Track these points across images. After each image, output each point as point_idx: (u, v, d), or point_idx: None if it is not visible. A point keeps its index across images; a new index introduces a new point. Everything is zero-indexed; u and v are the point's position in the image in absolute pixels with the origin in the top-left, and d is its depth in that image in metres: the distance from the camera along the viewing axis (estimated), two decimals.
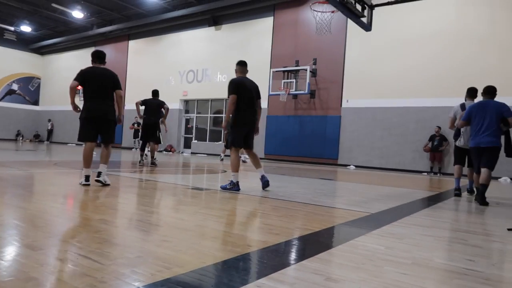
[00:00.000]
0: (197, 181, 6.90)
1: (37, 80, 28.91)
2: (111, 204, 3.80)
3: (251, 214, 3.70)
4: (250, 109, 5.35)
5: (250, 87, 5.40)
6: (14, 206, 3.49)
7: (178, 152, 19.93)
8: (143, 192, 4.91)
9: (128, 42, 23.09)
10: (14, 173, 6.23)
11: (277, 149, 16.45)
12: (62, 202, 3.92)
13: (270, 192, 5.42)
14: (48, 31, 26.12)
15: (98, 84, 5.02)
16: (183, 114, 20.66)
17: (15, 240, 2.36)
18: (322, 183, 7.34)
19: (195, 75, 19.85)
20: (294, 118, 16.14)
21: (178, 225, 2.98)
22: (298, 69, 15.50)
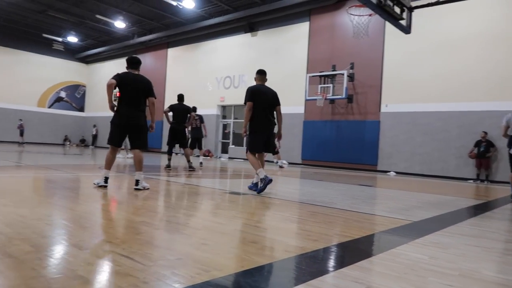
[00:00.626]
0: (234, 185, 6.95)
1: (82, 88, 30.34)
2: (151, 207, 3.90)
3: (288, 220, 3.67)
4: (266, 116, 5.51)
5: (267, 94, 5.56)
6: (62, 207, 3.67)
7: (216, 157, 20.20)
8: (182, 196, 5.01)
9: (167, 50, 23.75)
10: (62, 176, 6.55)
11: (314, 155, 16.29)
12: (105, 204, 4.07)
13: (308, 198, 5.36)
14: (92, 41, 27.39)
15: (131, 90, 5.08)
16: (220, 120, 20.93)
17: (64, 240, 2.48)
18: (361, 189, 7.19)
19: (231, 81, 20.09)
20: (331, 123, 15.93)
21: (217, 229, 3.01)
22: (335, 74, 15.31)
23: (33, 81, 27.23)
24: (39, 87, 27.68)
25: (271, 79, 17.91)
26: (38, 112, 27.53)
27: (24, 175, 6.63)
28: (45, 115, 27.90)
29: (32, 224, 2.81)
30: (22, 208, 3.38)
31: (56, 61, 28.55)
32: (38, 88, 27.65)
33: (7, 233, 2.51)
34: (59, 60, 28.72)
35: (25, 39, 26.60)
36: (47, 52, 27.84)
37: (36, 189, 5.10)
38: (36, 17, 23.07)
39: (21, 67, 26.81)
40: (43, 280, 1.77)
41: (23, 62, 26.89)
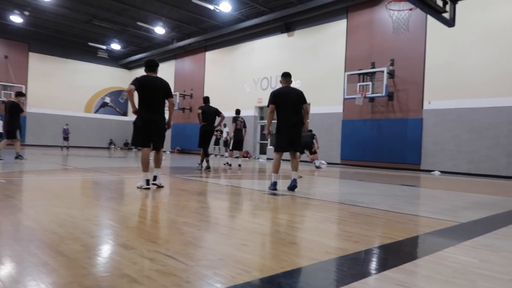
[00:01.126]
0: None
1: (125, 93, 31.51)
2: (193, 208, 3.99)
3: (328, 221, 3.63)
4: (289, 116, 5.71)
5: (290, 95, 5.73)
6: (109, 208, 3.83)
7: (254, 158, 20.31)
8: (221, 197, 5.08)
9: (205, 53, 24.18)
10: (107, 178, 6.84)
11: (354, 154, 15.98)
12: (149, 205, 4.21)
13: (348, 199, 5.27)
14: (134, 48, 28.40)
15: (151, 93, 5.24)
16: (258, 121, 21.02)
17: (110, 239, 2.59)
18: (403, 189, 6.97)
19: (269, 82, 20.12)
20: (371, 122, 15.57)
21: (256, 230, 3.03)
22: (374, 71, 14.95)
23: (80, 88, 28.66)
24: (85, 93, 29.07)
25: (308, 79, 17.88)
26: (84, 118, 28.93)
27: (73, 177, 6.99)
28: (91, 120, 29.26)
29: (81, 224, 2.96)
30: (72, 209, 3.56)
31: (101, 68, 29.85)
32: (84, 95, 29.05)
33: (60, 233, 2.66)
34: (104, 67, 30.00)
35: (72, 48, 28.05)
36: (92, 59, 29.20)
37: (84, 191, 5.36)
38: (82, 27, 24.26)
39: (69, 75, 28.30)
40: (92, 278, 1.86)
41: (70, 70, 28.37)
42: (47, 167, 8.77)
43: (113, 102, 30.80)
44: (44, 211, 3.45)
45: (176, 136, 24.94)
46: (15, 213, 3.29)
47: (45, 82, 27.15)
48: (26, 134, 26.37)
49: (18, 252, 2.21)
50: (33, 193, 4.70)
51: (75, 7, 20.82)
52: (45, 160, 11.44)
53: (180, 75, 25.83)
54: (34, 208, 3.60)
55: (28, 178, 6.35)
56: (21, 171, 7.54)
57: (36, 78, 26.75)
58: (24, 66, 26.40)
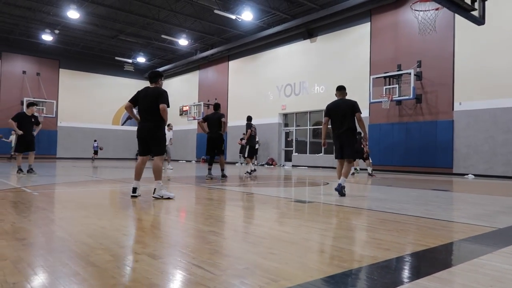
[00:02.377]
0: (299, 193, 6.92)
1: None
2: (219, 217, 4.01)
3: (357, 228, 3.56)
4: (338, 126, 6.23)
5: (341, 107, 6.24)
6: (136, 218, 3.90)
7: (279, 165, 20.26)
8: (247, 205, 5.08)
9: (228, 62, 24.45)
10: None
11: (382, 159, 15.67)
12: (175, 214, 4.25)
13: (377, 205, 5.17)
14: (159, 60, 29.07)
15: (144, 104, 5.36)
16: (282, 128, 21.01)
17: (139, 249, 2.63)
18: (435, 194, 6.77)
19: (292, 88, 20.11)
20: (399, 126, 15.26)
21: (283, 238, 3.00)
22: (401, 74, 14.69)
23: (107, 101, 29.50)
24: (112, 106, 29.87)
25: (332, 84, 17.76)
26: (112, 130, 29.72)
27: (102, 189, 7.16)
28: (119, 132, 30.01)
29: (111, 234, 3.02)
30: (101, 220, 3.65)
31: (127, 81, 30.63)
32: (112, 107, 29.85)
33: (90, 243, 2.72)
34: (130, 80, 30.77)
35: (99, 63, 28.99)
36: (119, 73, 30.03)
37: (112, 201, 5.48)
38: (109, 42, 25.09)
39: (97, 89, 29.22)
40: (122, 287, 1.89)
41: (98, 84, 29.29)
42: (77, 179, 9.04)
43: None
44: (75, 222, 3.55)
45: (201, 145, 25.24)
46: (48, 225, 3.40)
47: (75, 97, 28.14)
48: (58, 148, 27.35)
49: (51, 262, 2.28)
50: (64, 204, 4.85)
51: (102, 23, 21.57)
52: (75, 172, 11.80)
53: (204, 85, 26.20)
54: (65, 219, 3.70)
55: (60, 190, 6.56)
56: (53, 183, 7.80)
57: (66, 93, 27.79)
58: (55, 83, 27.49)
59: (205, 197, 5.65)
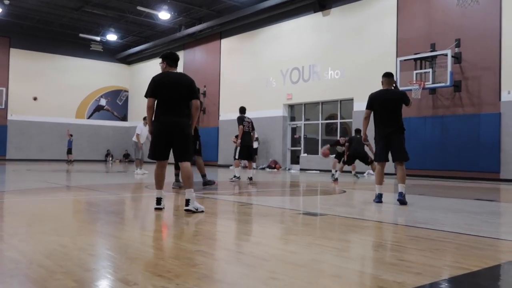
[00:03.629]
0: (308, 204, 6.92)
1: (124, 93, 32.25)
2: (209, 233, 4.00)
3: (381, 246, 3.56)
4: (387, 122, 6.43)
5: (388, 99, 6.48)
6: (106, 234, 3.89)
7: (284, 169, 20.28)
8: (244, 219, 5.08)
9: (220, 41, 24.44)
10: (105, 198, 6.97)
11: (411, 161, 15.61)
12: (155, 230, 4.25)
13: (406, 218, 5.17)
14: (133, 38, 29.07)
15: (168, 93, 5.26)
16: (288, 122, 21.02)
17: (109, 273, 2.62)
18: (478, 205, 6.78)
19: (300, 73, 20.12)
20: (433, 120, 15.27)
21: (289, 259, 3.00)
22: (435, 55, 14.69)
23: (70, 89, 29.43)
24: (77, 95, 29.85)
25: (350, 68, 17.79)
26: (76, 125, 29.58)
27: (63, 198, 7.15)
28: (84, 128, 29.95)
29: (74, 255, 3.02)
30: (63, 237, 3.64)
31: (95, 64, 30.65)
32: (75, 97, 29.82)
33: (48, 266, 2.71)
34: (98, 63, 30.79)
35: (60, 42, 28.94)
36: (85, 54, 30.02)
37: (77, 214, 5.47)
38: (71, 16, 25.04)
39: (57, 73, 29.15)
40: None
41: (59, 68, 29.22)
42: (32, 185, 9.03)
43: (110, 105, 31.54)
44: (29, 239, 3.54)
45: None
46: None
47: (29, 84, 28.08)
48: (8, 147, 27.29)
49: None
50: (15, 217, 4.83)
51: None
52: (30, 177, 11.79)
53: (190, 68, 26.19)
54: (17, 236, 3.69)
55: (10, 200, 6.55)
56: (1, 191, 7.78)
57: (18, 79, 27.76)
58: (4, 65, 27.45)
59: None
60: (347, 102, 18.54)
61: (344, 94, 18.08)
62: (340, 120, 18.98)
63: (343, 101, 18.71)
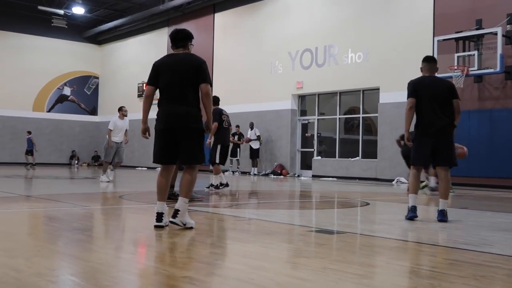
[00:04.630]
0: (323, 219, 6.92)
1: (94, 80, 32.23)
2: (199, 255, 3.99)
3: (413, 273, 3.55)
4: (434, 116, 6.32)
5: (436, 88, 6.43)
6: (71, 257, 3.88)
7: (293, 176, 20.26)
8: (243, 237, 5.06)
9: (214, 15, 24.41)
10: (69, 211, 6.96)
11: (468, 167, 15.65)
12: (132, 251, 4.23)
13: (444, 237, 5.16)
14: (106, 11, 29.06)
15: (171, 79, 5.26)
16: (298, 117, 21.00)
17: None
18: None
19: (313, 56, 20.09)
20: (479, 115, 15.24)
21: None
22: (482, 34, 14.67)
23: (26, 75, 29.31)
24: (34, 82, 29.75)
25: (375, 50, 17.77)
26: (34, 119, 29.56)
27: (17, 210, 7.14)
28: (43, 123, 29.93)
29: (30, 282, 3.00)
30: (16, 259, 3.63)
31: (57, 43, 30.60)
32: (33, 84, 29.73)
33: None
34: (61, 42, 30.74)
35: (13, 16, 28.79)
36: (45, 31, 29.95)
37: (34, 231, 5.46)
38: None
39: (9, 55, 29.10)
40: None
41: (11, 49, 29.16)
42: None
43: (76, 95, 31.50)
44: None
45: None
46: None
47: None
48: None
49: None
50: None
51: None
52: None
53: None
54: None
55: None
56: None
57: None
58: None
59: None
60: (372, 92, 18.53)
61: (368, 82, 18.06)
62: (362, 114, 18.97)
63: (367, 91, 18.70)
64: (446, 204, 6.20)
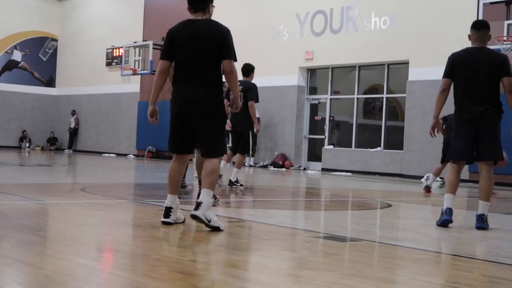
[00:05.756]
0: (333, 223, 6.94)
1: (52, 43, 32.03)
2: (176, 263, 4.00)
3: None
4: (476, 99, 6.31)
5: (480, 63, 6.35)
6: (19, 262, 3.89)
7: (298, 168, 20.27)
8: (235, 243, 5.08)
9: None
10: (18, 205, 6.96)
11: None
12: (95, 256, 4.24)
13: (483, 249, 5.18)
14: None
15: (188, 54, 5.37)
16: (306, 96, 20.97)
17: None
18: None
19: (327, 20, 20.03)
20: None
21: None
22: None
23: None
24: None
25: (403, 15, 17.71)
26: None
27: None
28: None
29: None
30: None
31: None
32: None
33: None
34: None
35: None
36: None
37: None
38: None
39: None
40: None
41: None
42: None
43: (29, 61, 31.29)
44: None
45: (147, 126, 25.12)
46: None
47: None
48: None
49: None
50: None
51: None
52: None
53: (155, 11, 26.01)
54: None
55: None
56: None
57: None
58: None
59: (153, 224, 5.66)
60: (399, 67, 18.53)
61: (395, 54, 18.01)
62: (386, 94, 18.92)
63: (393, 65, 18.68)
64: (487, 208, 6.19)
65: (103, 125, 27.55)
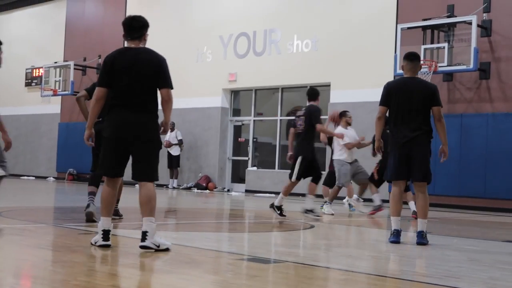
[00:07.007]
0: (257, 245, 6.96)
1: None
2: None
3: None
4: (408, 125, 6.77)
5: (414, 92, 6.81)
6: None
7: (222, 190, 20.24)
8: (156, 266, 5.04)
9: None
10: None
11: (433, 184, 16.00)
12: (12, 284, 4.12)
13: (403, 268, 5.28)
14: None
15: (127, 82, 5.45)
16: (229, 117, 21.01)
17: None
18: (510, 250, 7.04)
19: (250, 42, 20.15)
20: (448, 121, 15.38)
21: None
22: (453, 23, 15.08)
23: None
24: None
25: (326, 38, 17.97)
26: None
27: None
28: None
29: None
30: None
31: None
32: None
33: None
34: None
35: None
36: None
37: None
38: None
39: None
40: None
41: None
42: None
43: None
44: None
45: (67, 148, 24.66)
46: None
47: None
48: None
49: None
50: None
51: None
52: None
53: (77, 29, 25.68)
54: None
55: None
56: None
57: None
58: None
59: (72, 248, 5.54)
60: (321, 89, 18.71)
61: (317, 77, 18.20)
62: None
63: (315, 87, 18.91)
64: (425, 225, 6.60)
65: (22, 147, 26.82)
